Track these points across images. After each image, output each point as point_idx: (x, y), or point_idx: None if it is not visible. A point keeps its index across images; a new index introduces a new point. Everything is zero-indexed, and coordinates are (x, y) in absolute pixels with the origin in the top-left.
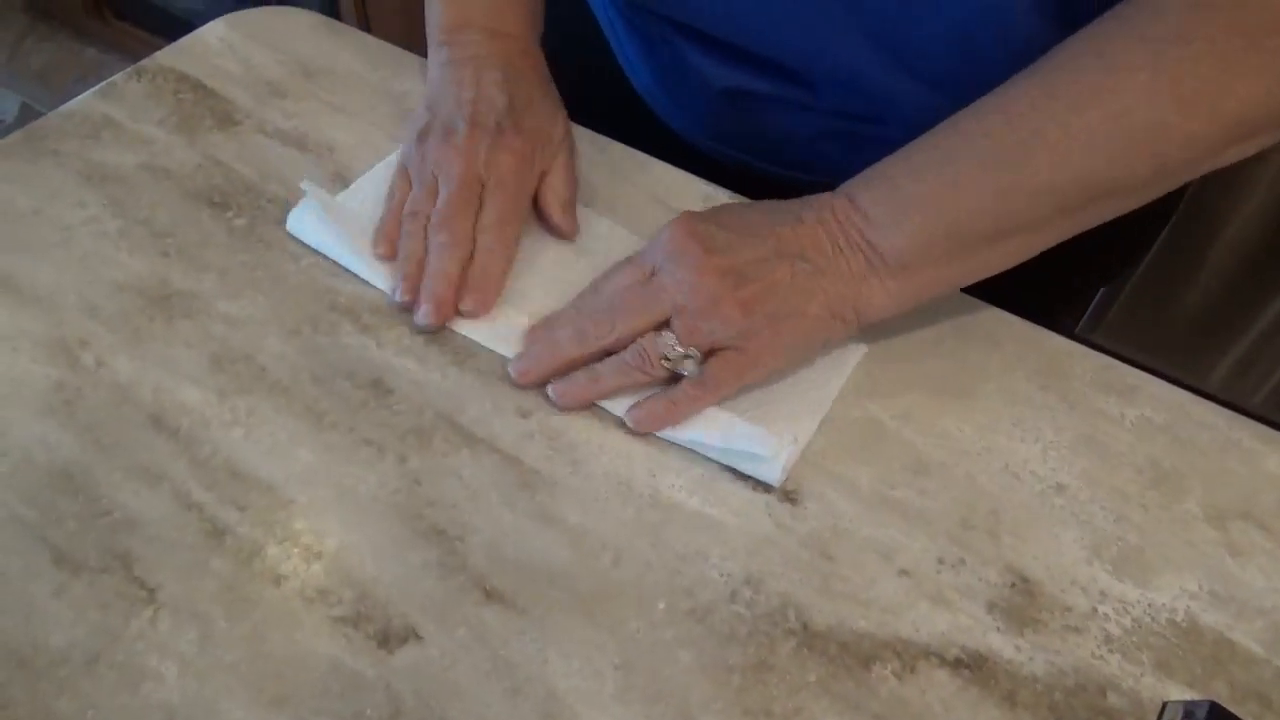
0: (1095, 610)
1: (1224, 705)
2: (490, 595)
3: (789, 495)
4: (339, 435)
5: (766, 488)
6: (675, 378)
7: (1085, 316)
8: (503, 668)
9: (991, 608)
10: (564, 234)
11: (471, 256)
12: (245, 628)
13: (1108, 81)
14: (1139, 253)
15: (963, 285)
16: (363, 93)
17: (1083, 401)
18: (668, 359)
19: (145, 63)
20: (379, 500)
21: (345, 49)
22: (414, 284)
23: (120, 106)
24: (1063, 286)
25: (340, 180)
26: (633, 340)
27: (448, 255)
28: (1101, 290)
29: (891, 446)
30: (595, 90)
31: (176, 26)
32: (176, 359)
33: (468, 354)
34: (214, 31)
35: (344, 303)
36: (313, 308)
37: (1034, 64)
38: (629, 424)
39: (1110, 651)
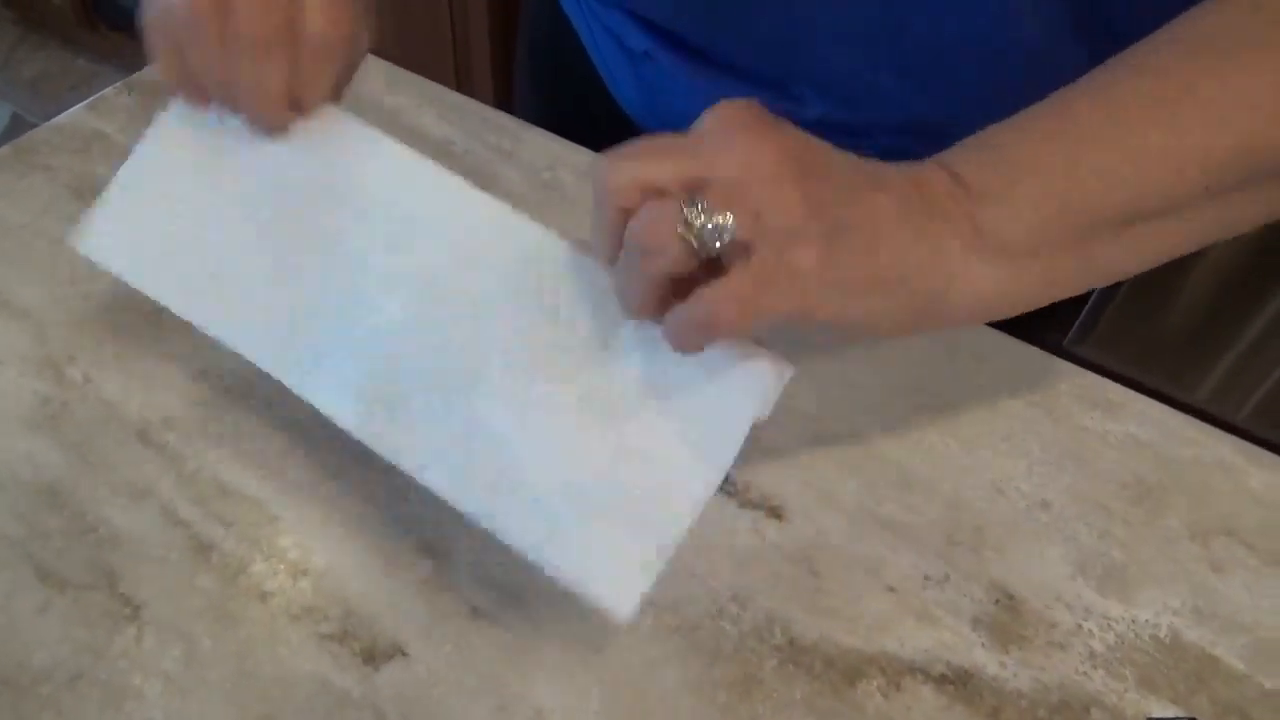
0: (1079, 627)
1: None
2: (477, 612)
3: (775, 511)
4: (327, 452)
5: (753, 504)
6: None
7: (1074, 329)
8: (489, 685)
9: (976, 624)
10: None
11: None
12: (230, 645)
13: (1272, 34)
14: None
15: (1078, 290)
16: (354, 108)
17: (1068, 417)
18: (690, 226)
19: (136, 77)
20: (366, 516)
21: None
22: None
23: (111, 120)
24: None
25: None
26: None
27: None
28: (1089, 302)
29: (877, 462)
30: (581, 109)
31: None
32: (164, 374)
33: None
34: None
35: None
36: None
37: (1164, 26)
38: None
39: (1094, 668)
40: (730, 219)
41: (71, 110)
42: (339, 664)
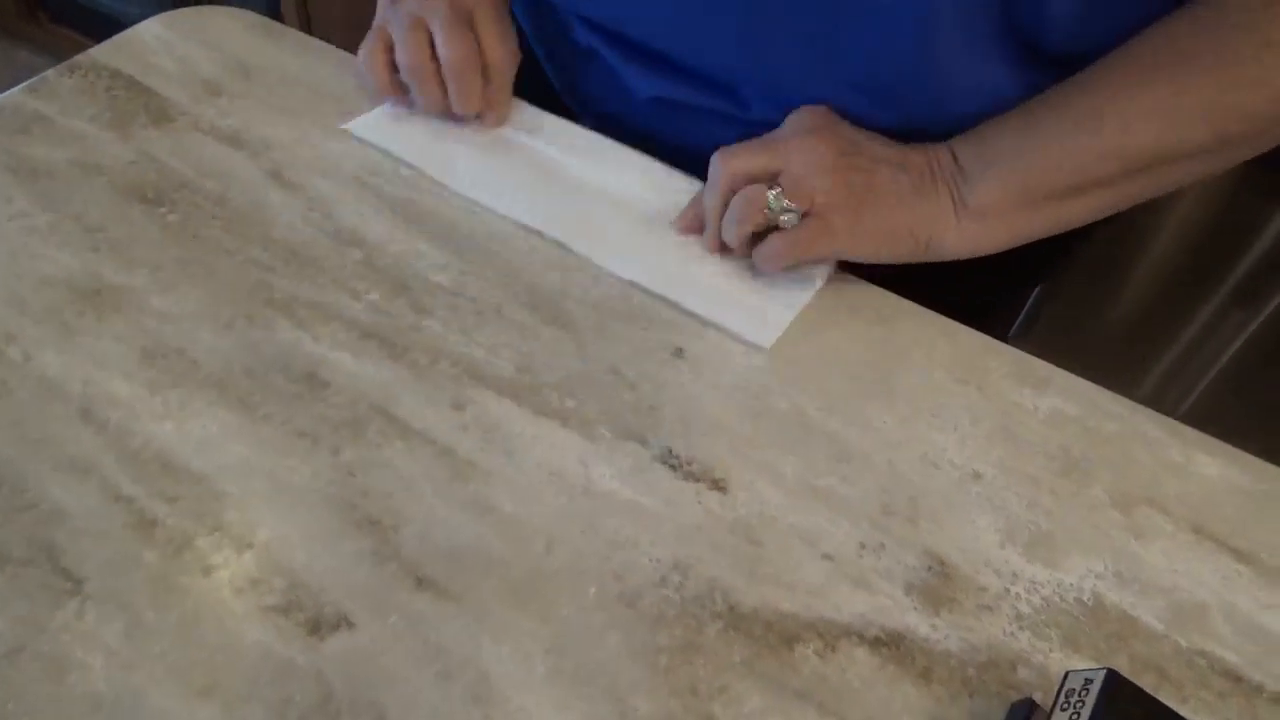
0: (1007, 591)
1: (1121, 673)
2: (422, 583)
3: (717, 484)
4: (272, 428)
5: (696, 477)
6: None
7: (1016, 326)
8: (434, 653)
9: (910, 589)
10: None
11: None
12: (174, 618)
13: (1174, 62)
14: (1063, 263)
15: (1027, 239)
16: (301, 92)
17: (998, 393)
18: (770, 208)
19: (78, 59)
20: (312, 491)
21: (284, 49)
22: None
23: (51, 102)
24: (992, 294)
25: (277, 178)
26: (744, 184)
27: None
28: (1031, 300)
29: (816, 437)
30: (524, 98)
31: (115, 30)
32: (106, 353)
33: (403, 347)
34: (150, 30)
35: (279, 298)
36: (247, 303)
37: (1119, 49)
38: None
39: (1021, 629)
40: (795, 206)
41: (10, 92)
42: (284, 635)
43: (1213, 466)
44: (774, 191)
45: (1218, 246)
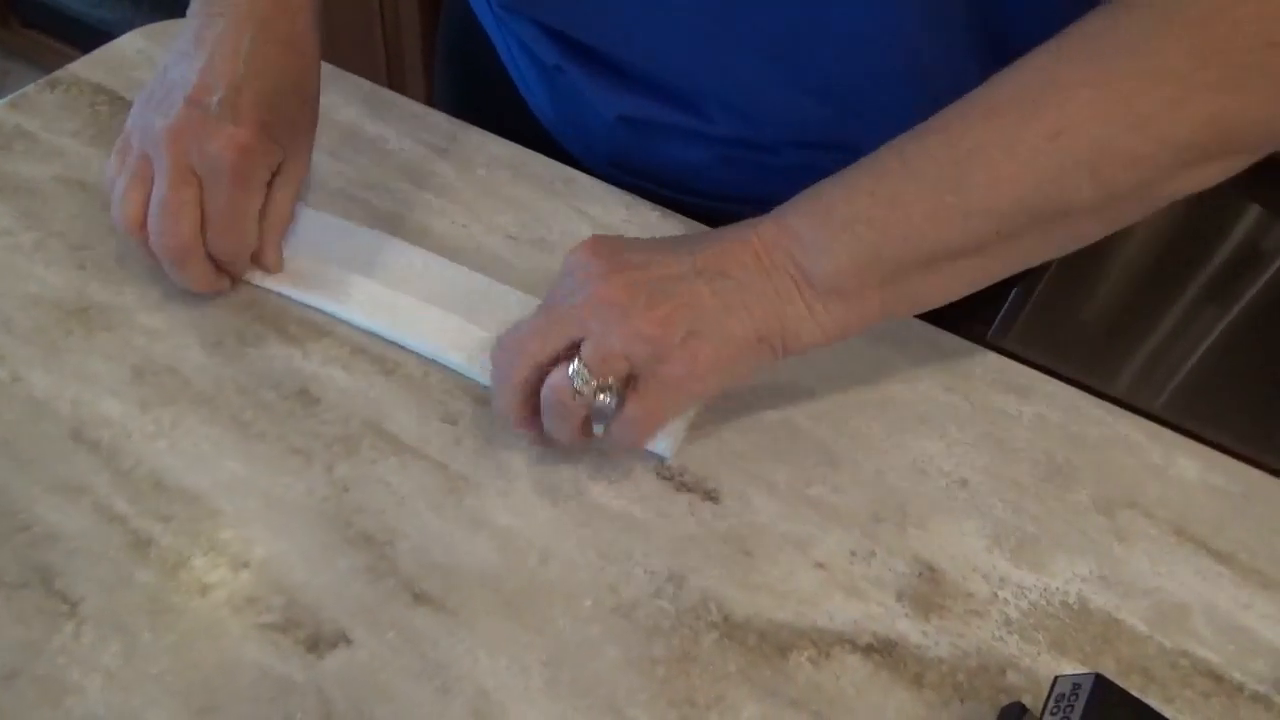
0: (995, 595)
1: (1108, 677)
2: (419, 598)
3: (710, 494)
4: (266, 445)
5: (688, 488)
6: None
7: (996, 322)
8: (432, 668)
9: (900, 596)
10: (267, 268)
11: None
12: (171, 638)
13: (1051, 98)
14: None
15: (900, 316)
16: None
17: (983, 400)
18: (580, 393)
19: (59, 73)
20: (307, 508)
21: None
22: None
23: (33, 117)
24: (972, 294)
25: None
26: (547, 370)
27: (174, 255)
28: (1010, 297)
29: (806, 446)
30: (498, 118)
31: (87, 34)
32: (96, 372)
33: (395, 363)
34: (132, 43)
35: (269, 314)
36: (237, 320)
37: (983, 84)
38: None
39: (1009, 633)
40: (609, 379)
41: None
42: (282, 653)
43: (1192, 469)
44: (573, 367)
45: (1191, 242)
